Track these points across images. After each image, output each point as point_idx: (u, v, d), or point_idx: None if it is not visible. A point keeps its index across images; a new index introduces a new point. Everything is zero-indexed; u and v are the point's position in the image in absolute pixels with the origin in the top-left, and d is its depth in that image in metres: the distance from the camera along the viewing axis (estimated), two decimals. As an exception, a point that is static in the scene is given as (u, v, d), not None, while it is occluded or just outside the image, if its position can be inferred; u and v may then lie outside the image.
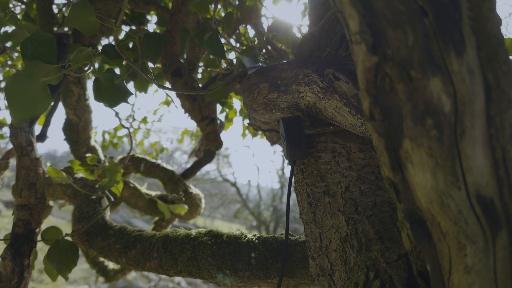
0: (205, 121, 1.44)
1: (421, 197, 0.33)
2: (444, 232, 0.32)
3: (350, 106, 0.59)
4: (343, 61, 0.65)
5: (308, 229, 0.67)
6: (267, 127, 1.08)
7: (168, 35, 1.16)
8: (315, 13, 0.89)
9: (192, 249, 0.80)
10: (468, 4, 0.29)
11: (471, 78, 0.29)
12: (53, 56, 0.69)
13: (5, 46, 0.75)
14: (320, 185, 0.67)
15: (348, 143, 0.70)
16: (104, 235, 0.96)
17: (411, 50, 0.29)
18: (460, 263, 0.32)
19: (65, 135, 1.54)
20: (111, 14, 1.15)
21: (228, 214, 16.39)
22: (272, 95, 0.75)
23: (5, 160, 1.31)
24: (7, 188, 9.01)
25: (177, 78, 1.22)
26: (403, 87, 0.30)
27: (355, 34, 0.32)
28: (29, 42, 0.68)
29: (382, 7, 0.30)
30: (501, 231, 0.30)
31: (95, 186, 1.14)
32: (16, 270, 0.92)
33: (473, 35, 0.29)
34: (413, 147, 0.31)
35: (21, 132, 0.99)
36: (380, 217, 0.56)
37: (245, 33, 1.58)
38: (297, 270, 0.74)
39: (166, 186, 1.67)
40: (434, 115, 0.30)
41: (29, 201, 1.01)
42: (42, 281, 4.99)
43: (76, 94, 1.38)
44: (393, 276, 0.45)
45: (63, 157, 19.36)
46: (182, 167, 12.45)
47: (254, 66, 0.86)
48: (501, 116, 0.30)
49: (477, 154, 0.30)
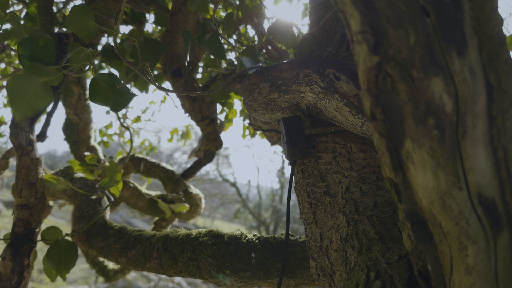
0: (205, 121, 1.44)
1: (422, 198, 0.32)
2: (445, 233, 0.32)
3: (351, 106, 0.59)
4: (344, 61, 0.65)
5: (308, 229, 0.67)
6: (267, 127, 1.08)
7: (168, 35, 1.16)
8: (316, 12, 0.89)
9: (192, 249, 0.80)
10: (470, 4, 0.29)
11: (473, 78, 0.29)
12: (51, 58, 0.69)
13: (5, 46, 0.75)
14: (320, 185, 0.67)
15: (348, 143, 0.70)
16: (104, 235, 0.96)
17: (413, 50, 0.29)
18: (461, 263, 0.32)
19: (65, 134, 1.54)
20: (111, 13, 1.15)
21: (228, 214, 16.39)
22: (273, 95, 0.75)
23: (5, 159, 1.31)
24: (7, 188, 9.01)
25: (178, 78, 1.21)
26: (404, 87, 0.30)
27: (356, 34, 0.32)
28: (26, 43, 0.67)
29: (384, 6, 0.30)
30: (502, 232, 0.30)
31: (95, 186, 1.14)
32: (16, 270, 0.92)
33: (475, 35, 0.29)
34: (414, 147, 0.31)
35: (21, 132, 0.99)
36: (381, 217, 0.56)
37: (245, 33, 1.58)
38: (298, 270, 0.74)
39: (166, 186, 1.67)
40: (435, 115, 0.29)
41: (29, 201, 1.00)
42: (42, 281, 4.99)
43: (76, 94, 1.38)
44: (394, 276, 0.45)
45: (63, 157, 19.36)
46: (182, 167, 12.45)
47: (255, 66, 0.86)
48: (503, 116, 0.30)
49: (478, 154, 0.30)
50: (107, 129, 2.37)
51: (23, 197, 1.00)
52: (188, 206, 1.35)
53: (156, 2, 1.38)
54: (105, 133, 2.37)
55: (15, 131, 0.99)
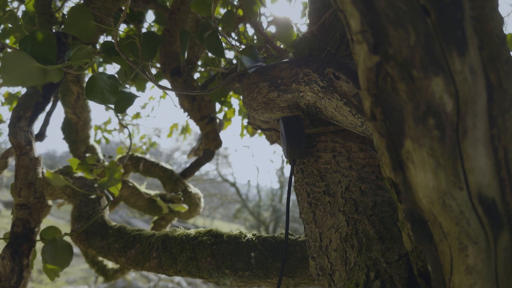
0: (205, 120, 1.43)
1: (422, 198, 0.32)
2: (446, 233, 0.32)
3: (351, 106, 0.59)
4: (343, 60, 0.65)
5: (308, 228, 0.66)
6: (266, 126, 1.08)
7: (167, 33, 1.15)
8: (315, 11, 0.89)
9: (192, 248, 0.80)
10: (470, 4, 0.29)
11: (473, 78, 0.29)
12: (53, 54, 0.69)
13: (4, 44, 0.75)
14: (320, 184, 0.67)
15: (348, 143, 0.70)
16: (103, 235, 0.96)
17: (413, 49, 0.29)
18: (462, 263, 0.32)
19: (64, 134, 1.54)
20: (110, 12, 1.15)
21: (228, 214, 16.38)
22: (272, 94, 0.75)
23: (3, 159, 1.30)
24: (6, 188, 8.99)
25: (177, 77, 1.21)
26: (404, 87, 0.30)
27: (356, 34, 0.32)
28: (28, 40, 0.67)
29: (384, 6, 0.29)
30: (502, 232, 0.30)
31: (94, 186, 1.14)
32: (15, 270, 0.91)
33: (476, 35, 0.29)
34: (414, 147, 0.31)
35: (20, 131, 0.99)
36: (381, 217, 0.56)
37: (244, 32, 1.58)
38: (297, 269, 0.74)
39: (165, 185, 1.67)
40: (436, 115, 0.29)
41: (28, 200, 1.00)
42: (42, 281, 4.99)
43: (75, 93, 1.38)
44: (394, 276, 0.45)
45: (63, 157, 19.33)
46: (182, 167, 12.45)
47: (254, 65, 0.86)
48: (503, 116, 0.30)
49: (479, 154, 0.30)
50: (106, 125, 2.37)
51: (22, 196, 1.00)
52: (186, 207, 1.35)
53: (155, 1, 1.38)
54: (105, 129, 2.36)
55: (13, 131, 0.98)
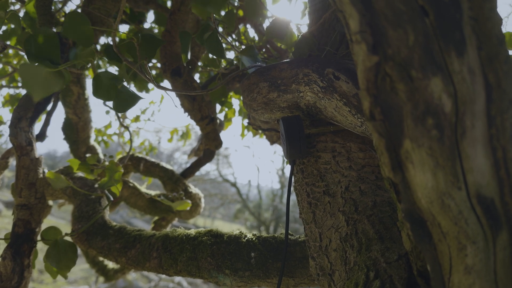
0: (205, 121, 1.44)
1: (421, 197, 0.32)
2: (445, 232, 0.32)
3: (350, 106, 0.59)
4: (343, 60, 0.65)
5: (308, 228, 0.67)
6: (266, 127, 1.08)
7: (167, 34, 1.15)
8: (315, 12, 0.89)
9: (192, 248, 0.80)
10: (469, 4, 0.29)
11: (472, 78, 0.29)
12: (57, 53, 0.69)
13: (5, 44, 0.75)
14: (320, 184, 0.67)
15: (348, 143, 0.70)
16: (103, 235, 0.96)
17: (412, 49, 0.29)
18: (461, 263, 0.32)
19: (65, 134, 1.54)
20: (110, 13, 1.15)
21: (228, 214, 16.39)
22: (272, 94, 0.75)
23: (4, 159, 1.31)
24: (7, 189, 9.00)
25: (177, 77, 1.21)
26: (403, 87, 0.30)
27: (355, 34, 0.32)
28: (32, 39, 0.68)
29: (383, 6, 0.30)
30: (501, 232, 0.30)
31: (94, 186, 1.14)
32: (16, 270, 0.92)
33: (474, 35, 0.29)
34: (413, 147, 0.31)
35: (20, 132, 0.99)
36: (380, 217, 0.56)
37: (245, 32, 1.58)
38: (297, 269, 0.74)
39: (165, 185, 1.67)
40: (434, 115, 0.29)
41: (29, 201, 1.00)
42: (42, 281, 4.99)
43: (76, 94, 1.38)
44: (393, 276, 0.45)
45: (63, 157, 19.35)
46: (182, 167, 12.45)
47: (254, 65, 0.86)
48: (502, 116, 0.30)
49: (477, 154, 0.30)
50: (106, 129, 2.37)
51: (23, 197, 1.00)
52: (190, 203, 1.35)
53: (155, 2, 1.38)
54: (104, 133, 2.36)
55: (14, 131, 0.99)
